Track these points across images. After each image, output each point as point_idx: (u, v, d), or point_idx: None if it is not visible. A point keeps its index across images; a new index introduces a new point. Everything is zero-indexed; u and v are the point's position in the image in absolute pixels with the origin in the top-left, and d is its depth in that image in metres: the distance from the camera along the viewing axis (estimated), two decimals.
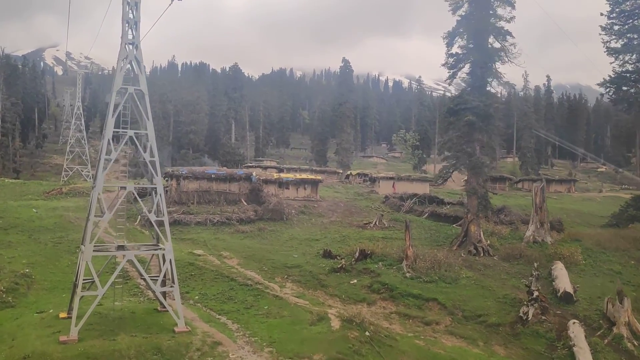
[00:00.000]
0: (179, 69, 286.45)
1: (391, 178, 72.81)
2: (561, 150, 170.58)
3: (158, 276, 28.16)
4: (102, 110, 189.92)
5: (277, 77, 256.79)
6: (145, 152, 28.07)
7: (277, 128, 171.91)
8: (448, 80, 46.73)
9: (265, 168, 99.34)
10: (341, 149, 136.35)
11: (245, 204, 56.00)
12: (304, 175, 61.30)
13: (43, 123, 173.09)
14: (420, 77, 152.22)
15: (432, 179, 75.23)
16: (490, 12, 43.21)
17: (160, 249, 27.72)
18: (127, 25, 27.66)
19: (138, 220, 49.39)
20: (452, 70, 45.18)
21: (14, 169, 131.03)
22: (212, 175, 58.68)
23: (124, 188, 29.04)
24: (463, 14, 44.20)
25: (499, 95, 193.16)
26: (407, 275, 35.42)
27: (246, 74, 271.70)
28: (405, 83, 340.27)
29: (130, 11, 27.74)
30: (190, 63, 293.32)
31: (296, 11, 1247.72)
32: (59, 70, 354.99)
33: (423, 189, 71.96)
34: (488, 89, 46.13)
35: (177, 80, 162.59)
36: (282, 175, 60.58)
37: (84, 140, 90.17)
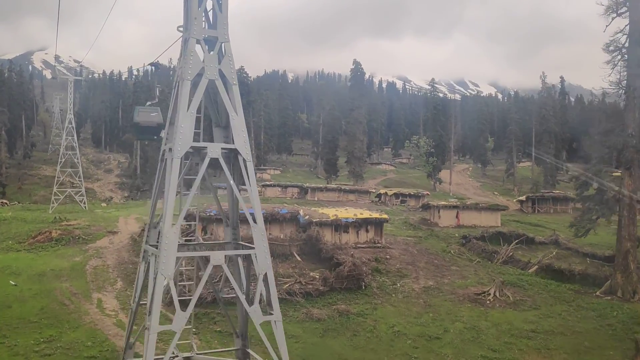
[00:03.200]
0: (167, 71, 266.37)
1: (454, 207, 56.61)
2: (571, 153, 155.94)
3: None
4: (93, 116, 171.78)
5: (270, 79, 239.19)
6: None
7: (277, 134, 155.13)
8: (621, 92, 30.82)
9: (285, 187, 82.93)
10: (353, 157, 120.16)
11: (298, 258, 39.58)
12: (365, 214, 44.91)
13: (31, 130, 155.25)
14: (433, 79, 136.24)
15: (503, 207, 59.39)
16: None
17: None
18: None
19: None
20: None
21: (0, 182, 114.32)
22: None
23: None
24: None
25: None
26: None
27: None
28: (399, 84, 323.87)
29: None
30: None
31: (285, 13, 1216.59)
32: (47, 74, 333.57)
33: (493, 219, 56.09)
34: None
35: (171, 83, 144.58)
36: (338, 214, 44.04)
37: (78, 159, 73.02)
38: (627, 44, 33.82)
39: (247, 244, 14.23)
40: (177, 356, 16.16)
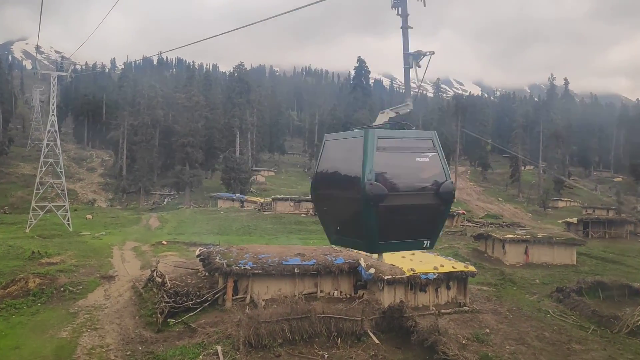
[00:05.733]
0: (151, 63, 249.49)
1: (524, 241, 44.96)
2: (571, 157, 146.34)
3: None
4: (75, 109, 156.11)
5: (257, 74, 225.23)
6: None
7: (269, 132, 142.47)
8: None
9: (299, 201, 70.38)
10: None
11: (376, 340, 27.32)
12: (446, 265, 32.70)
13: (9, 123, 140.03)
14: (438, 79, 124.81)
15: (580, 241, 47.63)
16: None
17: None
18: None
19: None
20: None
21: None
22: (296, 270, 30.13)
23: None
24: None
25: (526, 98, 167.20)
26: None
27: (223, 71, 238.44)
28: (385, 82, 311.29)
29: None
30: (167, 59, 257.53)
31: (270, 8, 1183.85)
32: (28, 65, 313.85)
33: (568, 256, 44.49)
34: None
35: (164, 79, 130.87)
36: (415, 266, 31.79)
37: (61, 168, 59.67)
38: None
39: None
40: None
